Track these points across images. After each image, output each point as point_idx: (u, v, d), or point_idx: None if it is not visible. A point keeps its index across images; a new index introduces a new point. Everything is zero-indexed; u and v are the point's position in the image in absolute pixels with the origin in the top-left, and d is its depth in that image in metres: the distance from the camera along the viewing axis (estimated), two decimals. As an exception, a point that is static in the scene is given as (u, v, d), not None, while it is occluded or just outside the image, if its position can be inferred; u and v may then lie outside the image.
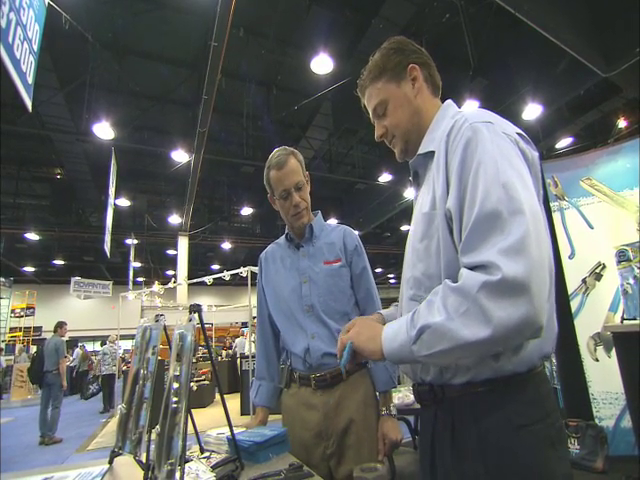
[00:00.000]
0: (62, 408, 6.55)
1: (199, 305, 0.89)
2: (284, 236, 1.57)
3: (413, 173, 0.99)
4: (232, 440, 1.06)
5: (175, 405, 0.81)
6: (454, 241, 0.75)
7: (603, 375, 3.37)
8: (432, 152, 0.86)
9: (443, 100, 0.99)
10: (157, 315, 1.07)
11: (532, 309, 0.61)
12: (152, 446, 0.84)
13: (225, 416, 1.08)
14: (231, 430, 1.06)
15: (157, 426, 0.80)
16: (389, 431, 1.33)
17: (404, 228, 17.23)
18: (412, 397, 2.14)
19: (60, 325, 7.07)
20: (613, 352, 3.03)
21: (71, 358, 13.55)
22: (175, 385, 0.84)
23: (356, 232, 1.59)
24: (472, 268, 0.67)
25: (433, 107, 0.95)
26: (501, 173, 0.69)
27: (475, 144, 0.73)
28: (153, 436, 0.86)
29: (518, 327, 0.61)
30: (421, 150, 0.90)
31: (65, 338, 7.20)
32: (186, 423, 0.77)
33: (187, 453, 1.05)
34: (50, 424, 6.28)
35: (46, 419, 6.25)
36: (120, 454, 1.03)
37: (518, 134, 0.80)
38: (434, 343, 0.68)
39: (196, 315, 0.91)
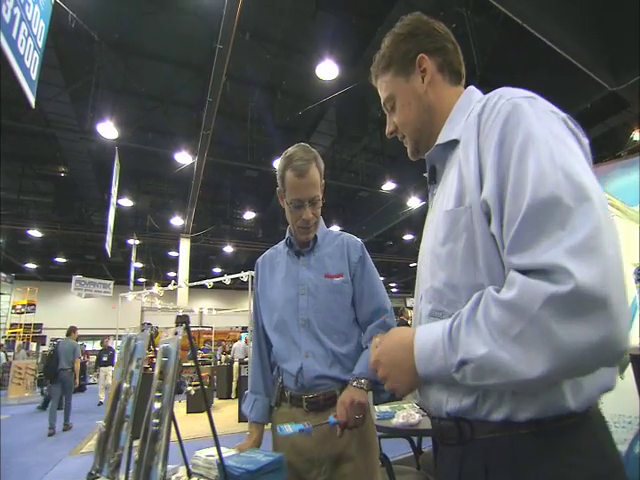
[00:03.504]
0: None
1: (186, 316, 0.84)
2: (284, 241, 1.46)
3: (429, 168, 0.85)
4: (221, 466, 0.95)
5: (156, 428, 0.76)
6: (494, 238, 0.62)
7: (616, 397, 3.27)
8: (455, 141, 0.74)
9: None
10: (144, 324, 1.03)
11: (614, 327, 0.48)
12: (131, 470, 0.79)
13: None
14: (220, 456, 0.94)
15: (135, 453, 0.75)
16: (353, 394, 1.19)
17: (407, 237, 17.15)
18: (417, 416, 2.03)
19: (73, 329, 7.88)
20: (626, 373, 2.92)
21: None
22: (156, 405, 0.79)
23: (360, 241, 1.49)
24: (525, 272, 0.53)
25: (451, 97, 0.83)
26: (555, 153, 0.56)
27: (516, 121, 0.60)
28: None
29: (596, 353, 0.49)
30: (440, 140, 0.78)
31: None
32: (167, 450, 0.72)
33: (173, 478, 0.99)
34: (65, 414, 7.10)
35: (55, 413, 6.87)
36: (97, 477, 0.97)
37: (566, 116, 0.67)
38: (481, 377, 0.56)
39: (182, 328, 0.86)
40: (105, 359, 10.20)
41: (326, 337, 1.31)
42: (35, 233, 13.64)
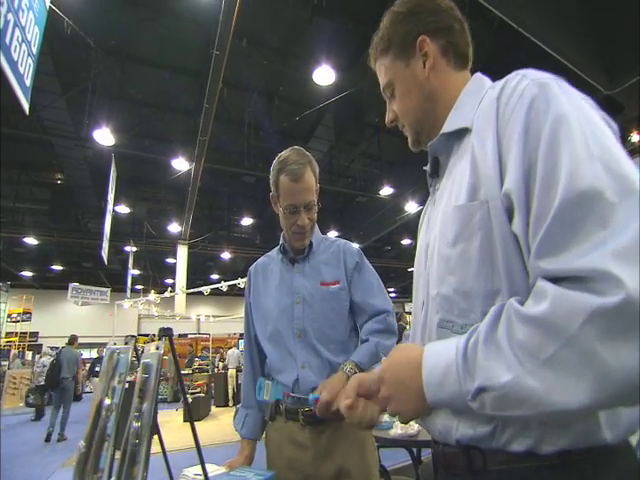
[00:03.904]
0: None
1: (169, 329, 0.79)
2: (278, 247, 1.41)
3: (432, 160, 0.76)
4: None
5: (134, 448, 0.71)
6: (517, 238, 0.53)
7: None
8: (464, 130, 0.65)
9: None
10: (127, 336, 0.98)
11: None
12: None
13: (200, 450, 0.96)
14: (206, 477, 0.89)
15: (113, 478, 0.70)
16: (343, 379, 1.11)
17: (405, 242, 17.12)
18: (416, 427, 1.97)
19: (75, 338, 8.01)
20: None
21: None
22: (135, 424, 0.74)
23: (356, 245, 1.44)
24: (558, 280, 0.45)
25: (457, 83, 0.74)
26: (591, 140, 0.48)
27: (545, 103, 0.52)
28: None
29: None
30: (446, 129, 0.69)
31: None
32: (146, 472, 0.67)
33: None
34: (62, 424, 7.08)
35: (55, 420, 7.05)
36: (75, 501, 0.91)
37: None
38: (504, 407, 0.48)
39: (164, 342, 0.81)
40: (97, 369, 10.15)
41: (323, 347, 1.25)
42: (31, 241, 13.55)
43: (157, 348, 0.77)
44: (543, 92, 0.54)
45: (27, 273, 18.25)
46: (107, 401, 0.93)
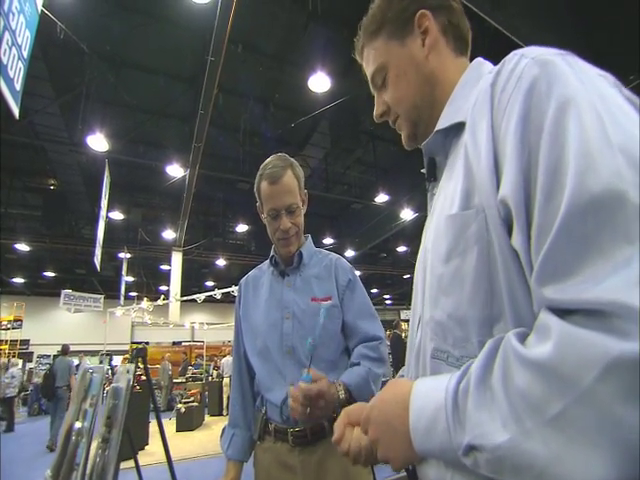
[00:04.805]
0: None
1: (143, 349, 0.73)
2: (269, 259, 1.36)
3: (428, 161, 0.65)
4: None
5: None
6: (518, 254, 0.43)
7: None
8: (461, 124, 0.55)
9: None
10: (101, 354, 0.91)
11: None
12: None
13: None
14: None
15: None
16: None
17: (400, 249, 17.10)
18: None
19: (68, 348, 8.14)
20: None
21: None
22: (103, 453, 0.67)
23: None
24: (567, 313, 0.35)
25: (456, 69, 0.65)
26: (610, 125, 0.38)
27: (547, 85, 0.42)
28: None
29: None
30: (441, 124, 0.59)
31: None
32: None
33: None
34: (54, 434, 7.13)
35: (56, 427, 7.07)
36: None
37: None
38: (501, 471, 0.38)
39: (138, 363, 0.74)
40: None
41: (313, 365, 1.19)
42: (23, 247, 13.36)
43: (127, 372, 0.70)
44: (545, 71, 0.43)
45: (18, 280, 18.00)
46: (77, 425, 0.85)
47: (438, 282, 0.53)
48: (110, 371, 13.50)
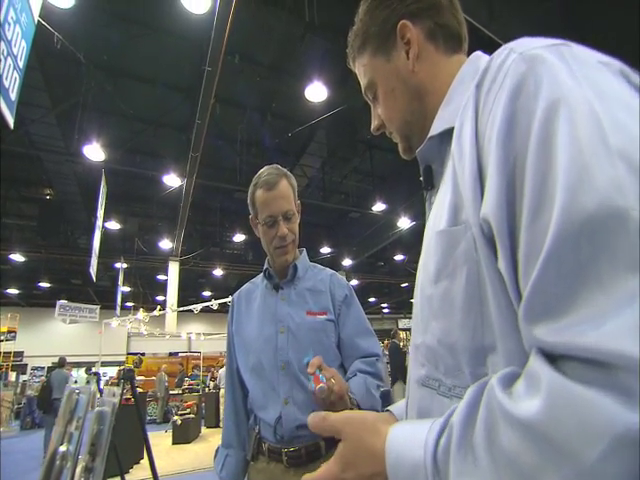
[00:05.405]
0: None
1: (130, 371, 0.69)
2: (262, 273, 1.32)
3: (424, 169, 0.59)
4: None
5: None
6: (505, 280, 0.37)
7: None
8: (452, 130, 0.49)
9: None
10: (89, 370, 0.86)
11: None
12: None
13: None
14: None
15: None
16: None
17: (398, 258, 17.09)
18: None
19: (65, 361, 8.28)
20: None
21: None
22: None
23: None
24: (559, 359, 0.30)
25: (450, 70, 0.59)
26: (609, 126, 0.32)
27: (535, 84, 0.36)
28: None
29: None
30: (434, 130, 0.54)
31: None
32: None
33: None
34: (47, 446, 7.26)
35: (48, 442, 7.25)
36: None
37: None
38: None
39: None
40: (86, 388, 9.93)
41: (308, 380, 1.15)
42: (18, 257, 13.26)
43: (114, 394, 0.66)
44: (532, 69, 0.37)
45: (13, 291, 17.85)
46: (62, 448, 0.81)
47: (428, 304, 0.48)
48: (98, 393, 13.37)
